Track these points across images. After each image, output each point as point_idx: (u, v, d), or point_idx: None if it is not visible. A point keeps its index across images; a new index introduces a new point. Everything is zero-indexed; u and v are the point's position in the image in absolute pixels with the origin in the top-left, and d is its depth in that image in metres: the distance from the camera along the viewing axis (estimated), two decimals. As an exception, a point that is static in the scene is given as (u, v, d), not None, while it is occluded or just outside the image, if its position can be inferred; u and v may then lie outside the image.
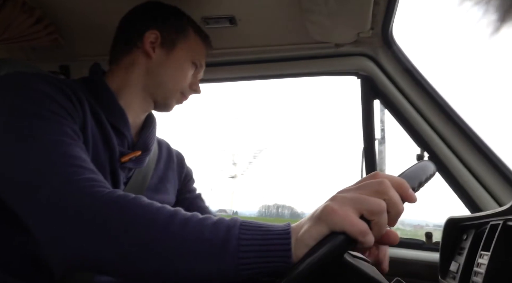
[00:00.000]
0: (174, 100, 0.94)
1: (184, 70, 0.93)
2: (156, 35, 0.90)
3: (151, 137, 0.92)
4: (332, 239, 0.46)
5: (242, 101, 13.38)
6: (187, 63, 0.93)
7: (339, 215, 0.46)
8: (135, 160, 0.85)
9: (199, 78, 0.99)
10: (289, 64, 1.40)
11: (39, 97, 0.68)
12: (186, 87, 0.94)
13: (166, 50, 0.91)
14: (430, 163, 0.60)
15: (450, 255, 0.88)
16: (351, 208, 0.47)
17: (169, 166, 1.01)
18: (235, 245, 0.49)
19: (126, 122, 0.85)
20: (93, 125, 0.77)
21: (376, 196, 0.48)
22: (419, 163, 0.59)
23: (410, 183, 0.52)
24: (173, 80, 0.92)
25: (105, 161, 0.78)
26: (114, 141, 0.80)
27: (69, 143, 0.64)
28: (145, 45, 0.89)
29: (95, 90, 0.83)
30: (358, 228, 0.46)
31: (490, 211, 0.77)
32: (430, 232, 1.32)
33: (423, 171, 0.56)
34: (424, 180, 0.56)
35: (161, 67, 0.90)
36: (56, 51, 1.40)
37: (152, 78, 0.90)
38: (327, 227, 0.47)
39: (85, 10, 1.21)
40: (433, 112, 1.24)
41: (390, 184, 0.49)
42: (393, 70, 1.28)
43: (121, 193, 0.56)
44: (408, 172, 0.55)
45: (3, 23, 1.21)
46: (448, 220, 0.92)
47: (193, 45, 0.95)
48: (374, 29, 1.20)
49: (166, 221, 0.51)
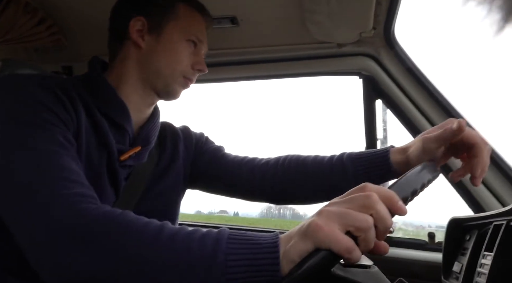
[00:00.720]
0: (177, 86, 0.87)
1: (179, 52, 0.85)
2: (142, 22, 0.84)
3: (153, 130, 0.88)
4: (316, 256, 0.45)
5: (241, 102, 13.19)
6: (181, 43, 0.85)
7: (324, 231, 0.46)
8: (135, 156, 0.82)
9: (204, 55, 0.91)
10: (291, 64, 1.40)
11: (30, 103, 0.66)
12: (188, 69, 0.86)
13: (155, 35, 0.84)
14: (432, 165, 0.58)
15: (453, 255, 0.87)
16: (336, 224, 0.46)
17: (176, 146, 0.95)
18: (222, 260, 0.48)
19: (127, 116, 0.81)
20: (88, 128, 0.74)
21: (363, 210, 0.47)
22: (417, 167, 0.56)
23: (402, 193, 0.50)
24: (169, 65, 0.84)
25: (102, 163, 0.75)
26: (112, 141, 0.77)
27: (61, 153, 0.62)
28: (132, 35, 0.83)
29: (94, 86, 0.80)
30: (343, 245, 0.45)
31: (493, 211, 0.77)
32: (433, 232, 1.32)
33: (420, 177, 0.54)
34: (420, 187, 0.53)
35: (153, 55, 0.84)
36: (59, 52, 1.41)
37: (146, 69, 0.84)
38: (313, 243, 0.46)
39: (88, 10, 1.21)
40: (436, 112, 1.24)
41: (378, 197, 0.48)
42: (395, 70, 1.28)
43: (108, 209, 0.55)
44: (403, 180, 0.53)
45: (6, 24, 1.21)
46: (451, 220, 0.91)
47: (186, 21, 0.86)
48: (376, 29, 1.20)
49: (153, 236, 0.51)
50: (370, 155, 0.84)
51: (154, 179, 0.87)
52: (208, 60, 1.38)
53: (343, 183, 0.84)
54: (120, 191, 0.79)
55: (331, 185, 0.86)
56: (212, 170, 0.96)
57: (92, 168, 0.73)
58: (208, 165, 0.96)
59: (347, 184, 0.76)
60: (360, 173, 0.83)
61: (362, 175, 0.83)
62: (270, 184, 0.91)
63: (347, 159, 0.86)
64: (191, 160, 0.97)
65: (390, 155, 0.80)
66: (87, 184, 0.62)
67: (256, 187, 0.92)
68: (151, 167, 0.87)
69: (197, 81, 1.56)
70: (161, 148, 0.92)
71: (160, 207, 0.86)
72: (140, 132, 0.85)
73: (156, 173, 0.88)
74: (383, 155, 0.81)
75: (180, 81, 0.87)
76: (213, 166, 0.96)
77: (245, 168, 0.93)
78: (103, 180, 0.75)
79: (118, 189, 0.78)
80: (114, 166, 0.77)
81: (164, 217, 0.84)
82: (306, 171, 0.89)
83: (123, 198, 0.79)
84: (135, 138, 0.84)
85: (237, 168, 0.94)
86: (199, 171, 0.96)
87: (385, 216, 0.47)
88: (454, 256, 0.87)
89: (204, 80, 1.54)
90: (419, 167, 0.56)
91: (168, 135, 0.95)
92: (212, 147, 1.00)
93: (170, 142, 0.95)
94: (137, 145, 0.83)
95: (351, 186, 0.52)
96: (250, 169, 0.93)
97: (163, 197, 0.88)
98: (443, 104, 1.23)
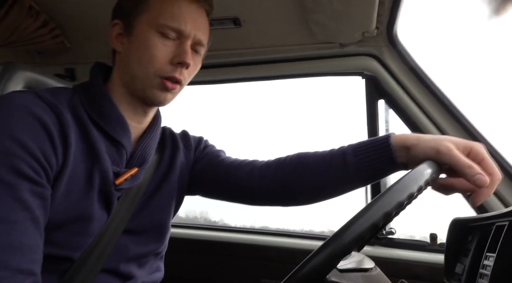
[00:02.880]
0: (155, 90, 0.75)
1: (150, 48, 0.73)
2: (120, 25, 0.77)
3: (150, 145, 0.82)
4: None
5: (243, 103, 13.24)
6: (150, 36, 0.73)
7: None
8: (130, 179, 0.76)
9: (186, 47, 0.75)
10: (293, 64, 1.40)
11: (2, 140, 0.60)
12: (164, 66, 0.74)
13: (128, 35, 0.76)
14: (433, 163, 0.59)
15: (455, 256, 0.87)
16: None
17: (174, 157, 0.90)
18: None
19: (125, 131, 0.76)
20: (81, 153, 0.70)
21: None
22: (417, 168, 0.56)
23: (408, 189, 0.51)
24: (141, 67, 0.74)
25: (93, 189, 0.71)
26: (107, 165, 0.73)
27: (19, 223, 0.59)
28: (112, 41, 0.77)
29: (93, 97, 0.76)
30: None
31: (496, 212, 0.76)
32: (435, 233, 1.31)
33: (424, 175, 0.55)
34: (424, 184, 0.54)
35: (127, 58, 0.76)
36: (62, 54, 1.42)
37: (125, 74, 0.77)
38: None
39: (90, 13, 1.22)
40: (438, 112, 1.24)
41: None
42: (398, 70, 1.28)
43: None
44: (407, 177, 0.53)
45: (9, 27, 1.22)
46: (453, 221, 0.91)
47: (155, 10, 0.74)
48: (379, 29, 1.20)
49: None
50: (371, 141, 0.79)
51: (149, 195, 0.83)
52: (211, 61, 1.39)
53: (343, 171, 0.79)
54: (113, 211, 0.75)
55: (332, 175, 0.81)
56: (211, 174, 0.92)
57: (82, 196, 0.69)
58: (206, 170, 0.92)
59: (346, 173, 0.77)
60: (361, 159, 0.78)
61: (363, 161, 0.77)
62: (270, 185, 0.87)
63: (348, 147, 0.81)
64: (190, 167, 0.93)
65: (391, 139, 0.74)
66: (35, 271, 0.60)
67: (256, 189, 0.88)
68: (146, 183, 0.82)
69: (200, 83, 1.58)
70: (158, 160, 0.87)
71: (153, 223, 0.83)
72: (137, 149, 0.79)
73: (151, 189, 0.84)
74: (383, 139, 0.76)
75: (157, 84, 0.75)
76: (211, 170, 0.92)
77: (244, 171, 0.89)
78: (94, 206, 0.71)
79: (111, 209, 0.75)
80: (109, 190, 0.73)
81: (157, 232, 0.84)
82: (308, 163, 0.84)
83: (116, 217, 0.76)
84: (132, 155, 0.79)
85: (235, 171, 0.89)
86: (198, 176, 0.93)
87: None
88: (456, 257, 0.87)
89: (207, 82, 1.54)
90: (423, 164, 0.57)
91: (167, 145, 0.90)
92: (211, 151, 0.96)
93: (169, 153, 0.89)
94: (134, 164, 0.78)
95: (351, 175, 0.50)
96: (249, 171, 0.89)
97: (157, 213, 0.84)
98: (446, 104, 1.23)
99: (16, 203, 0.60)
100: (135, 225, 0.79)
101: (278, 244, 1.47)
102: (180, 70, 0.75)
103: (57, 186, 0.66)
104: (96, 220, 0.72)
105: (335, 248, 0.45)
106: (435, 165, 0.60)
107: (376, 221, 0.47)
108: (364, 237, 0.46)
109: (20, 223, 0.59)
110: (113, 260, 0.75)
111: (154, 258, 0.85)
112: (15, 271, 0.57)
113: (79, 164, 0.69)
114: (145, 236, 0.81)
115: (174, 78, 0.75)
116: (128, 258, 0.78)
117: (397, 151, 0.73)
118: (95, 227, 0.72)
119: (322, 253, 0.45)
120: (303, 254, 0.52)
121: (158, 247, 0.84)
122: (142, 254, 0.80)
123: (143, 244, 0.81)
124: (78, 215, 0.69)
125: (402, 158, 0.73)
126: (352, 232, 0.46)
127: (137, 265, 0.80)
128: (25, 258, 0.59)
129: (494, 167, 0.64)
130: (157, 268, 0.87)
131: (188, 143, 0.95)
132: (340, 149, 0.81)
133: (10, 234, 0.58)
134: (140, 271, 0.81)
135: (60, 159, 0.66)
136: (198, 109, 2.00)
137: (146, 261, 0.82)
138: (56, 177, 0.66)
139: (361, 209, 0.48)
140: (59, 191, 0.66)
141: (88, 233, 0.71)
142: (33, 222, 0.61)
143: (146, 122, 0.83)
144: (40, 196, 0.63)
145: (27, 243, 0.60)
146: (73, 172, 0.68)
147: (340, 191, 0.83)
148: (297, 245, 1.45)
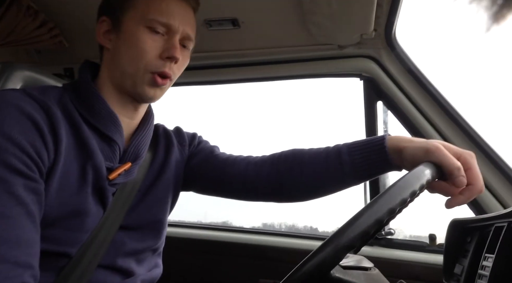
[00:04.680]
0: (145, 86, 0.76)
1: (139, 44, 0.74)
2: (107, 22, 0.79)
3: (144, 141, 0.82)
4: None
5: (240, 102, 13.24)
6: (139, 32, 0.75)
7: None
8: (124, 174, 0.77)
9: (175, 41, 0.76)
10: (292, 66, 1.40)
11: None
12: (154, 61, 0.75)
13: (116, 32, 0.77)
14: (431, 165, 0.59)
15: (454, 257, 0.87)
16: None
17: (168, 154, 0.90)
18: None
19: (117, 127, 0.76)
20: (73, 149, 0.70)
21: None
22: (418, 167, 0.57)
23: (407, 189, 0.51)
24: (131, 62, 0.75)
25: (87, 184, 0.71)
26: (100, 160, 0.73)
27: (14, 218, 0.59)
28: (99, 38, 0.79)
29: (83, 94, 0.76)
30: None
31: (495, 213, 0.77)
32: (433, 234, 1.31)
33: (421, 177, 0.55)
34: (419, 187, 0.54)
35: (116, 55, 0.77)
36: (60, 53, 1.42)
37: (114, 71, 0.78)
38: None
39: (89, 13, 1.21)
40: (437, 114, 1.24)
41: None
42: (396, 72, 1.28)
43: None
44: (405, 178, 0.54)
45: (8, 26, 1.22)
46: (452, 222, 0.91)
47: (144, 5, 0.76)
48: (377, 31, 1.20)
49: None
50: (366, 141, 0.80)
51: (144, 191, 0.83)
52: (209, 62, 1.39)
53: (338, 170, 0.80)
54: (108, 207, 0.76)
55: (327, 173, 0.82)
56: (205, 170, 0.92)
57: (76, 191, 0.70)
58: (201, 166, 0.93)
59: (341, 171, 0.78)
60: (356, 158, 0.79)
61: (358, 161, 0.78)
62: (264, 181, 0.87)
63: (343, 146, 0.82)
64: (184, 163, 0.93)
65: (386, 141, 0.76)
66: (33, 264, 0.60)
67: (250, 185, 0.88)
68: (141, 179, 0.83)
69: (199, 84, 1.58)
70: (152, 157, 0.87)
71: (149, 219, 0.83)
72: (130, 144, 0.80)
73: (146, 185, 0.84)
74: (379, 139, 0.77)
75: (148, 79, 0.76)
76: (206, 166, 0.92)
77: (239, 166, 0.89)
78: (88, 201, 0.71)
79: (106, 205, 0.75)
80: (103, 185, 0.74)
81: (153, 228, 0.84)
82: (302, 160, 0.85)
83: (111, 213, 0.76)
84: (126, 150, 0.79)
85: (230, 166, 0.90)
86: (192, 172, 0.93)
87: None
88: (455, 258, 0.87)
89: (207, 83, 1.54)
90: (423, 164, 0.58)
91: (161, 142, 0.91)
92: (205, 146, 0.97)
93: (163, 149, 0.90)
94: (127, 159, 0.79)
95: (346, 173, 0.51)
96: (243, 167, 0.89)
97: (153, 210, 0.84)
98: (444, 106, 1.23)
99: (11, 198, 0.60)
100: (131, 221, 0.79)
101: (277, 244, 1.47)
102: (169, 65, 0.77)
103: (50, 181, 0.67)
104: (91, 215, 0.72)
105: (341, 241, 0.46)
106: (434, 166, 0.62)
107: (381, 217, 0.48)
108: (368, 232, 0.47)
109: (15, 217, 0.59)
110: (110, 255, 0.75)
111: (152, 254, 0.85)
112: (14, 265, 0.57)
113: (71, 160, 0.70)
114: (141, 232, 0.81)
115: (164, 73, 0.76)
116: (125, 253, 0.78)
117: (392, 153, 0.74)
118: (91, 222, 0.72)
119: (329, 247, 0.46)
120: (302, 253, 0.53)
121: (155, 243, 0.84)
122: (139, 250, 0.81)
123: (140, 240, 0.81)
124: (73, 210, 0.69)
125: (396, 159, 0.74)
126: (358, 226, 0.46)
127: (135, 261, 0.80)
128: (23, 252, 0.59)
129: (480, 178, 0.66)
130: (156, 264, 0.87)
131: (182, 139, 0.95)
132: (335, 147, 0.82)
133: (6, 229, 0.58)
134: (139, 267, 0.81)
135: (52, 154, 0.67)
136: (198, 110, 2.00)
137: (143, 257, 0.82)
138: (48, 172, 0.67)
139: (366, 205, 0.49)
140: (53, 186, 0.67)
141: (84, 229, 0.71)
142: (28, 217, 0.61)
143: (138, 118, 0.84)
144: (34, 190, 0.63)
145: (23, 237, 0.60)
146: (66, 167, 0.69)
147: (334, 188, 0.85)
148: (295, 245, 1.46)
